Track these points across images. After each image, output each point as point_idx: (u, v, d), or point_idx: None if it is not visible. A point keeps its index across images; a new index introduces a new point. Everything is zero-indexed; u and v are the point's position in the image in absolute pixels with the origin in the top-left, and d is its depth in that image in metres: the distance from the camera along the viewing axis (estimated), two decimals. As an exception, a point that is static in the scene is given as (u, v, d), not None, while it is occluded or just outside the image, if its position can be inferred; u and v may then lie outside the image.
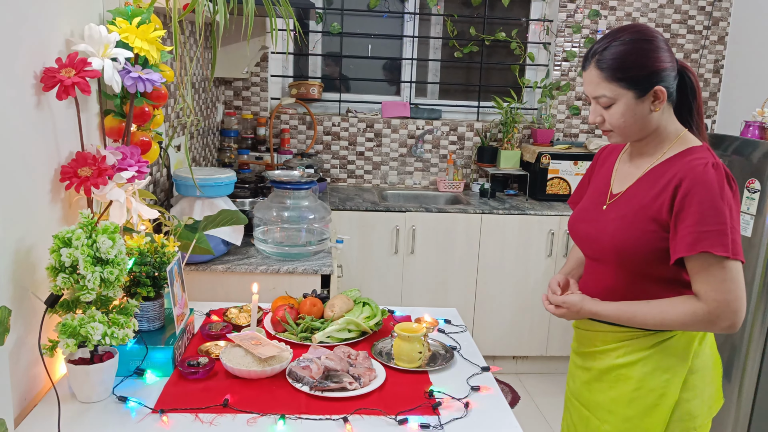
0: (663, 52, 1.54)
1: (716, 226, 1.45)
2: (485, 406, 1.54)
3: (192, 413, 1.44)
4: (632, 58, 1.53)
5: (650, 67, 1.53)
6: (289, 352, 1.66)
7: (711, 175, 1.48)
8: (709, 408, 1.66)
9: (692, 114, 1.64)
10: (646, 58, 1.53)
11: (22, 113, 1.41)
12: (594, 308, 1.62)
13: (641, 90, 1.53)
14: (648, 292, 1.59)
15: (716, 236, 1.45)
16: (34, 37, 1.47)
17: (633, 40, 1.54)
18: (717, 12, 4.24)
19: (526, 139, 4.32)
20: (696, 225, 1.46)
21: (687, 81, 1.61)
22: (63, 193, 1.64)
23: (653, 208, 1.55)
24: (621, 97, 1.55)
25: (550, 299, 1.68)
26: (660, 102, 1.55)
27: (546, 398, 3.68)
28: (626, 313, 1.58)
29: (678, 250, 1.49)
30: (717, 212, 1.46)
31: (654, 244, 1.55)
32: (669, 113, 1.61)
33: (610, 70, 1.54)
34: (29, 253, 1.47)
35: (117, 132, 1.85)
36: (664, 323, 1.54)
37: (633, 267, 1.60)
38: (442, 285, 3.76)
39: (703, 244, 1.45)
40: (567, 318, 1.67)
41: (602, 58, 1.55)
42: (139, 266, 1.61)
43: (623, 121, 1.57)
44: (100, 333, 1.37)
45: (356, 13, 4.21)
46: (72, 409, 1.44)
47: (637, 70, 1.52)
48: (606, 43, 1.56)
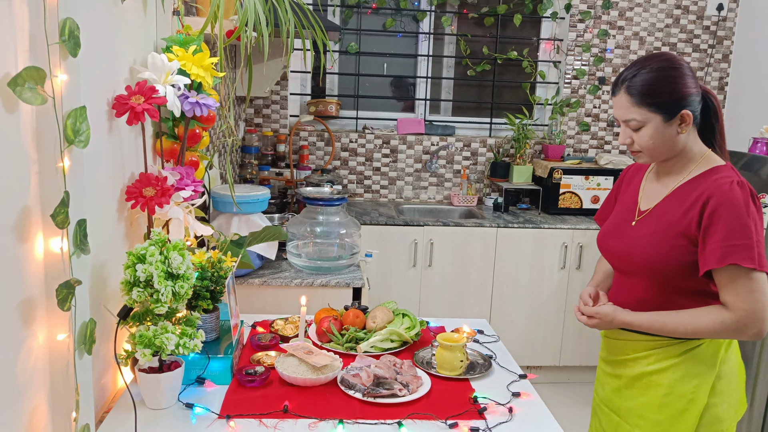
0: (689, 79, 1.66)
1: (743, 240, 1.56)
2: (528, 411, 1.64)
3: (255, 419, 1.54)
4: (661, 85, 1.64)
5: (677, 93, 1.64)
6: (339, 361, 1.76)
7: (737, 193, 1.59)
8: (735, 412, 1.75)
9: (715, 135, 1.76)
10: (674, 85, 1.64)
11: (99, 138, 1.52)
12: (626, 318, 1.71)
13: (669, 114, 1.65)
14: (676, 302, 1.69)
15: (743, 250, 1.56)
16: (106, 66, 1.58)
17: (661, 68, 1.65)
18: (721, 31, 4.38)
19: (538, 154, 4.44)
20: (724, 239, 1.57)
21: (710, 105, 1.73)
22: (126, 212, 1.75)
23: (682, 224, 1.65)
24: (650, 121, 1.66)
25: (583, 311, 1.78)
26: (686, 125, 1.66)
27: (560, 407, 3.77)
28: (658, 323, 1.68)
29: (707, 263, 1.60)
30: (743, 227, 1.57)
31: (683, 258, 1.65)
32: (694, 135, 1.72)
33: (640, 96, 1.65)
34: (102, 268, 1.58)
35: (170, 153, 1.96)
36: (694, 332, 1.64)
37: (663, 279, 1.70)
38: (458, 297, 3.86)
39: (732, 257, 1.56)
40: (599, 328, 1.77)
41: (632, 85, 1.66)
42: (200, 280, 1.71)
43: (652, 143, 1.68)
44: (174, 343, 1.47)
45: (372, 33, 4.34)
46: (143, 415, 1.53)
47: (665, 96, 1.64)
48: (635, 70, 1.67)
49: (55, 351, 1.30)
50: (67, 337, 1.29)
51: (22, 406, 1.23)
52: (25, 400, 1.24)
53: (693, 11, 4.34)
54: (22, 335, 1.21)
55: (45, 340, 1.29)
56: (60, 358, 1.31)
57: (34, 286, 1.24)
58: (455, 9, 4.32)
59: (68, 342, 1.30)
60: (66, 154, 1.23)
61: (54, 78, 1.17)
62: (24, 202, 1.19)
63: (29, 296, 1.23)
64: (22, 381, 1.22)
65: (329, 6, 4.23)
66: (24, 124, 1.18)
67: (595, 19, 4.30)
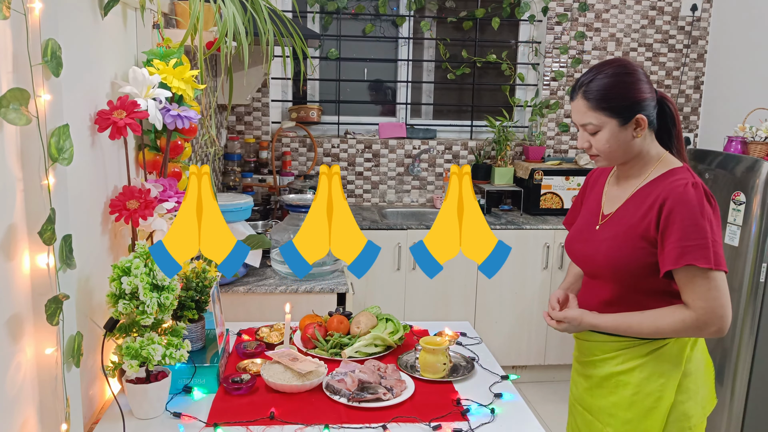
0: (643, 84, 1.71)
1: (698, 241, 1.61)
2: (510, 412, 1.68)
3: (242, 426, 1.57)
4: (615, 90, 1.69)
5: (632, 98, 1.69)
6: (324, 367, 1.79)
7: (691, 195, 1.64)
8: (703, 408, 1.80)
9: (672, 139, 1.81)
10: (628, 90, 1.69)
11: (81, 153, 1.54)
12: (593, 321, 1.76)
13: (624, 118, 1.70)
14: (642, 303, 1.74)
15: (699, 250, 1.61)
16: (88, 81, 1.60)
17: (616, 73, 1.70)
18: (696, 31, 4.45)
19: (519, 156, 4.49)
20: (680, 240, 1.62)
21: (667, 110, 1.78)
22: (110, 225, 1.77)
23: (641, 227, 1.70)
24: (606, 125, 1.70)
25: (552, 315, 1.82)
26: (641, 129, 1.71)
27: (545, 405, 3.82)
28: (623, 324, 1.72)
29: (665, 263, 1.65)
30: (698, 228, 1.62)
31: (644, 260, 1.70)
32: (651, 138, 1.77)
33: (596, 101, 1.70)
34: (87, 281, 1.60)
35: (153, 165, 1.98)
36: (657, 332, 1.69)
37: (627, 281, 1.75)
38: (443, 299, 3.90)
39: (688, 257, 1.61)
40: (568, 332, 1.81)
41: (588, 90, 1.71)
42: (185, 291, 1.74)
43: (608, 147, 1.73)
44: (160, 354, 1.49)
45: (352, 39, 4.37)
46: (131, 425, 1.56)
47: (619, 100, 1.69)
48: (591, 75, 1.72)
49: (43, 365, 1.32)
50: (55, 350, 1.32)
51: (12, 420, 1.25)
52: (15, 414, 1.26)
53: (668, 12, 4.42)
54: (11, 350, 1.23)
55: (33, 354, 1.31)
56: (48, 372, 1.33)
57: (21, 302, 1.26)
58: (434, 13, 4.37)
59: (56, 355, 1.32)
60: (50, 171, 1.26)
61: (38, 98, 1.19)
62: (10, 220, 1.21)
63: (17, 312, 1.25)
64: (12, 395, 1.24)
65: (308, 13, 4.26)
66: (8, 144, 1.20)
67: (572, 22, 4.36)
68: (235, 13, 1.94)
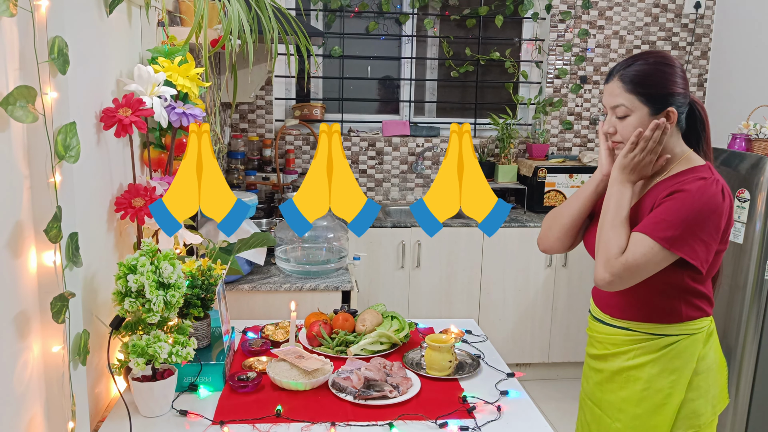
0: (679, 78, 1.70)
1: (670, 219, 1.61)
2: (516, 409, 1.68)
3: (249, 423, 1.56)
4: (653, 78, 1.69)
5: (667, 88, 1.68)
6: (329, 364, 1.79)
7: (700, 187, 1.63)
8: (713, 407, 1.79)
9: (701, 143, 1.80)
10: (665, 80, 1.69)
11: (87, 151, 1.54)
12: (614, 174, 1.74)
13: (656, 108, 1.68)
14: (653, 297, 1.72)
15: (665, 228, 1.61)
16: (93, 79, 1.60)
17: (656, 62, 1.70)
18: (699, 29, 4.44)
19: (522, 153, 4.49)
20: (659, 215, 1.63)
21: (697, 114, 1.78)
22: (116, 223, 1.77)
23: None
24: (636, 110, 1.69)
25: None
26: (671, 122, 1.70)
27: (550, 403, 3.82)
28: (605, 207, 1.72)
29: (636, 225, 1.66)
30: (679, 213, 1.61)
31: None
32: (677, 137, 1.76)
33: (632, 84, 1.69)
34: (93, 279, 1.60)
35: (158, 163, 1.98)
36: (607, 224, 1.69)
37: None
38: (446, 296, 3.90)
39: (648, 229, 1.62)
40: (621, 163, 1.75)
41: (626, 73, 1.70)
42: (191, 289, 1.74)
43: None
44: (166, 352, 1.49)
45: (356, 37, 4.37)
46: (137, 423, 1.56)
47: (655, 88, 1.68)
48: (631, 61, 1.72)
49: (50, 362, 1.33)
50: (62, 348, 1.32)
51: (19, 417, 1.25)
52: (22, 412, 1.26)
53: (671, 9, 4.41)
54: (18, 348, 1.23)
55: (40, 352, 1.31)
56: (55, 370, 1.33)
57: (28, 300, 1.26)
58: (437, 11, 4.36)
59: (63, 353, 1.32)
60: (57, 169, 1.25)
61: (44, 95, 1.19)
62: (17, 217, 1.21)
63: (24, 309, 1.25)
64: (19, 393, 1.24)
65: (312, 11, 4.25)
66: (15, 141, 1.20)
67: (575, 19, 4.36)
68: (240, 10, 1.94)
